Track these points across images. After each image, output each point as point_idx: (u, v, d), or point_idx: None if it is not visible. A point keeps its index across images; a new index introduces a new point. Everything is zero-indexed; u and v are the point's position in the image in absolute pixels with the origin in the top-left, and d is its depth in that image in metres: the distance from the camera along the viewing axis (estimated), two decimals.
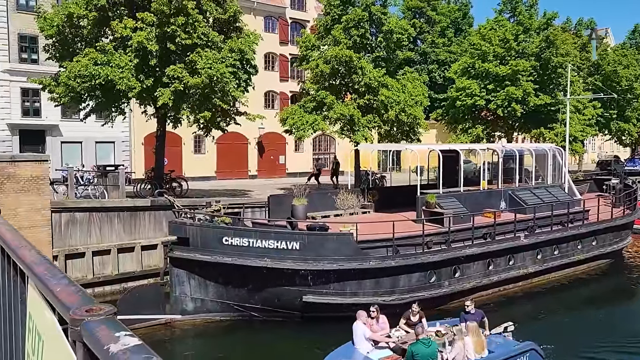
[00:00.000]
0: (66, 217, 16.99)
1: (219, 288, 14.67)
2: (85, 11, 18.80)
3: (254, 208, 20.35)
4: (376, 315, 11.40)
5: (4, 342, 2.36)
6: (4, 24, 29.06)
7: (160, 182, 20.89)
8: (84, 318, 1.27)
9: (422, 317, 11.54)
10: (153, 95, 18.98)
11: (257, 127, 33.08)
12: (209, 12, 20.30)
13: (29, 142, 29.74)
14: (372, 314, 11.35)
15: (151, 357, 1.08)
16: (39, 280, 1.65)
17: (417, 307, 11.57)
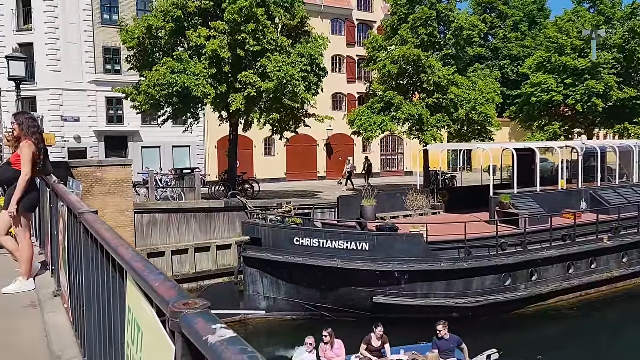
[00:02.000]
0: (147, 218, 17.96)
1: (290, 287, 14.94)
2: (163, 22, 19.81)
3: (324, 209, 20.57)
4: (330, 340, 10.34)
5: (105, 333, 2.58)
6: (90, 38, 31.16)
7: (233, 184, 21.60)
8: (183, 311, 1.38)
9: (386, 342, 10.44)
10: (227, 100, 19.66)
11: (325, 129, 33.41)
12: (278, 18, 20.78)
13: (113, 148, 31.72)
14: (324, 339, 10.25)
15: (246, 348, 1.16)
16: (139, 276, 1.80)
17: (380, 330, 10.42)
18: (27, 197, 5.24)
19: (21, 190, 5.09)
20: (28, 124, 5.27)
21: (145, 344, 1.77)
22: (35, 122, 5.43)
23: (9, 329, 4.18)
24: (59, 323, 4.04)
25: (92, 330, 2.93)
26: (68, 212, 3.71)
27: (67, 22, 30.41)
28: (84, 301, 3.18)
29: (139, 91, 20.45)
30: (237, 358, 1.13)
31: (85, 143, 31.05)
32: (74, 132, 30.66)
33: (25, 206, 5.26)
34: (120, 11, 31.31)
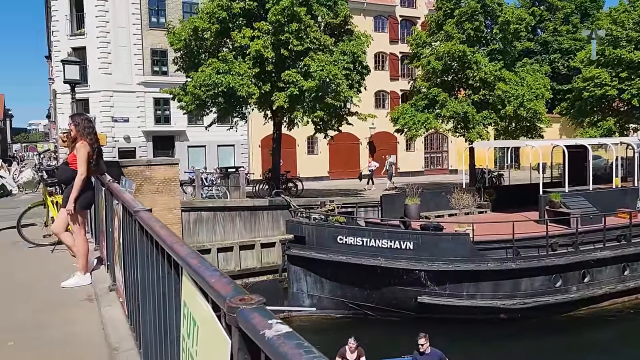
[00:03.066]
0: (194, 215, 18.39)
1: (334, 286, 14.99)
2: (209, 24, 20.20)
3: (367, 207, 20.50)
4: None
5: (160, 326, 2.67)
6: (138, 41, 32.15)
7: (277, 182, 21.82)
8: (239, 306, 1.42)
9: (362, 355, 9.98)
10: (270, 99, 19.88)
11: (368, 127, 33.25)
12: (321, 16, 20.84)
13: (160, 147, 32.65)
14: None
15: (302, 342, 1.19)
16: (195, 272, 1.85)
17: (354, 342, 9.97)
18: (83, 196, 5.46)
19: (77, 189, 5.31)
20: (84, 125, 5.49)
21: (200, 337, 1.83)
22: (90, 122, 5.65)
23: (68, 320, 4.39)
24: (114, 316, 4.21)
25: (147, 324, 3.03)
26: (123, 210, 3.85)
27: (117, 26, 31.49)
28: (139, 295, 3.29)
29: (185, 92, 20.92)
30: (294, 352, 1.15)
31: (134, 143, 32.08)
32: (123, 132, 31.74)
33: (81, 204, 5.49)
34: (167, 14, 32.17)
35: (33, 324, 4.34)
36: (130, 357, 3.38)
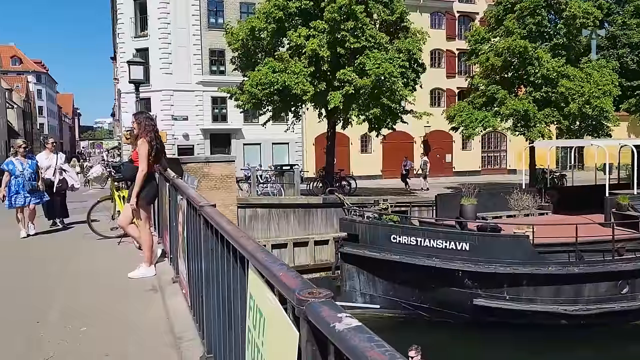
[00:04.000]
0: (250, 212, 18.77)
1: (387, 285, 14.89)
2: (265, 24, 20.54)
3: (421, 207, 20.25)
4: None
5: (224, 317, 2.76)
6: (197, 41, 33.12)
7: (330, 180, 21.92)
8: (308, 299, 1.45)
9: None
10: (325, 98, 19.98)
11: (423, 126, 32.79)
12: (377, 14, 20.74)
13: (217, 145, 33.51)
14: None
15: (372, 336, 1.20)
16: (263, 265, 1.91)
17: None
18: (146, 191, 5.70)
19: (139, 184, 5.54)
20: (145, 123, 5.73)
21: (267, 329, 1.88)
22: (152, 121, 5.86)
23: (135, 309, 4.61)
24: (177, 307, 4.38)
25: (211, 315, 3.14)
26: (187, 205, 3.99)
27: (177, 27, 32.57)
28: (202, 287, 3.41)
29: (242, 90, 21.37)
30: (365, 345, 1.17)
31: (192, 140, 33.09)
32: (182, 130, 32.80)
33: (144, 199, 5.73)
34: (225, 14, 32.94)
35: (103, 311, 4.59)
36: (194, 346, 3.51)
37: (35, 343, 3.80)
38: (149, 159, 5.59)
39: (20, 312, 4.62)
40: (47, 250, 7.49)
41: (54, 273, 6.13)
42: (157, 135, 5.81)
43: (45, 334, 4.02)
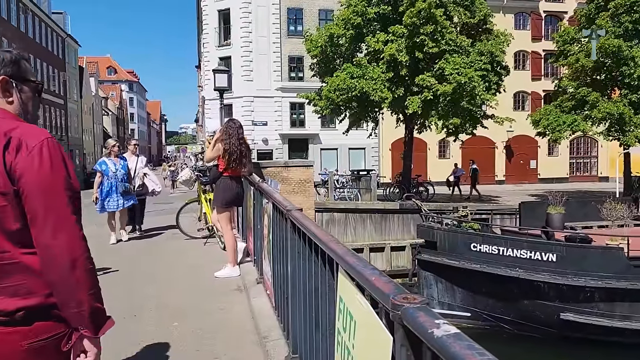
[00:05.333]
0: (327, 216, 18.96)
1: (466, 294, 14.47)
2: (344, 30, 20.73)
3: (503, 215, 19.50)
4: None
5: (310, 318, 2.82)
6: (277, 49, 34.02)
7: (408, 186, 21.66)
8: (404, 304, 1.47)
9: None
10: (403, 104, 19.80)
11: (505, 130, 31.62)
12: (457, 17, 20.29)
13: (295, 149, 34.18)
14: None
15: (473, 344, 1.19)
16: (353, 269, 1.94)
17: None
18: (227, 194, 5.94)
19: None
20: (223, 129, 5.98)
21: (358, 332, 1.91)
22: (231, 128, 6.02)
23: (222, 308, 4.81)
24: (262, 307, 4.52)
25: (296, 316, 3.22)
26: (273, 209, 4.12)
27: (258, 36, 33.63)
28: (287, 289, 3.50)
29: (320, 96, 21.67)
30: (466, 353, 1.16)
31: (271, 145, 33.98)
32: (262, 135, 33.77)
33: (225, 202, 5.97)
34: (305, 22, 33.59)
35: (191, 308, 4.83)
36: (279, 345, 3.61)
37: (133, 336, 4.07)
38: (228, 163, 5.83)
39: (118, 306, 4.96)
40: (138, 250, 7.97)
41: (146, 271, 6.53)
42: (240, 142, 5.98)
43: (140, 328, 4.30)
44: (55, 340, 1.62)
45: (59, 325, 1.63)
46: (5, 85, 1.74)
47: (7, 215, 1.57)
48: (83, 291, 1.60)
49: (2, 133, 1.59)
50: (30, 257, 1.59)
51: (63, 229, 1.58)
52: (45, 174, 1.58)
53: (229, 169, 5.88)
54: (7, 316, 1.55)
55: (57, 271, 1.57)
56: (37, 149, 1.59)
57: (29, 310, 1.57)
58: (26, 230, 1.58)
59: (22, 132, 1.61)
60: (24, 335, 1.57)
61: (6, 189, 1.56)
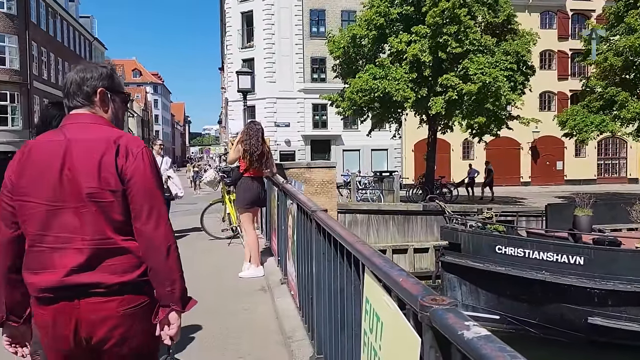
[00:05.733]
0: (349, 217, 18.93)
1: (491, 297, 14.29)
2: (366, 31, 20.68)
3: (529, 217, 19.18)
4: None
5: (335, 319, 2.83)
6: (300, 50, 34.13)
7: (431, 187, 21.49)
8: (432, 306, 1.46)
9: None
10: (426, 104, 19.66)
11: (530, 131, 31.14)
12: (481, 16, 20.07)
13: (317, 151, 34.23)
14: None
15: (504, 346, 1.18)
16: (381, 270, 1.94)
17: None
18: (248, 195, 5.98)
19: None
20: (244, 131, 6.04)
21: (385, 333, 1.91)
22: (251, 130, 6.06)
23: (247, 308, 4.85)
24: (286, 307, 4.54)
25: (321, 317, 3.23)
26: (298, 210, 4.14)
27: (281, 37, 33.79)
28: (312, 290, 3.51)
29: (343, 97, 21.66)
30: (497, 355, 1.15)
31: (294, 146, 34.09)
32: (284, 136, 33.90)
33: (245, 202, 6.01)
34: (327, 23, 33.62)
35: (217, 308, 4.87)
36: (303, 346, 3.62)
37: None
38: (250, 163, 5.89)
39: None
40: None
41: None
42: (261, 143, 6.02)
43: None
44: (141, 308, 1.95)
45: (143, 297, 1.96)
46: (103, 96, 2.04)
47: (113, 210, 1.89)
48: (175, 273, 1.96)
49: (111, 141, 1.90)
50: (127, 243, 1.92)
51: (162, 223, 1.93)
52: (149, 176, 1.93)
53: (250, 169, 5.94)
54: (107, 288, 1.88)
55: (158, 257, 1.92)
56: (140, 155, 1.92)
57: (122, 285, 1.90)
58: (126, 222, 1.91)
59: (127, 141, 1.93)
60: (119, 303, 1.90)
61: (117, 187, 1.88)
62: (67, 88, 2.04)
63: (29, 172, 1.90)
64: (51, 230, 1.88)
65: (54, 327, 1.89)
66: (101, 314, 1.88)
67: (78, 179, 1.87)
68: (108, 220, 1.89)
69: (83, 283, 1.86)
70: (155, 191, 1.94)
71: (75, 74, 2.04)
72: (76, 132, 1.94)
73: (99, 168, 1.87)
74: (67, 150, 1.89)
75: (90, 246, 1.87)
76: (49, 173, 1.88)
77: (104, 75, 2.06)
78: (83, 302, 1.87)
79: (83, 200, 1.87)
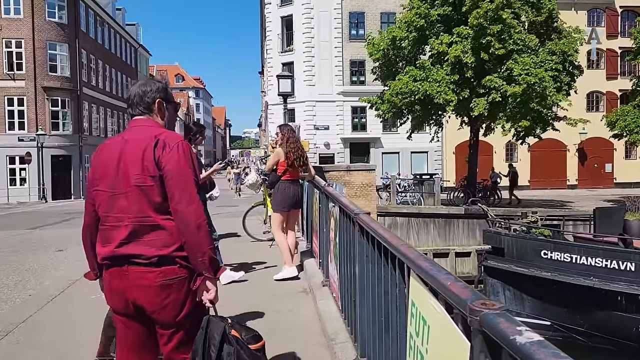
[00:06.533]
0: (389, 220, 18.81)
1: (536, 303, 13.92)
2: (407, 33, 20.52)
3: (576, 221, 18.58)
4: None
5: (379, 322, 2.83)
6: (339, 53, 34.18)
7: (473, 190, 21.11)
8: (482, 310, 1.45)
9: None
10: (469, 106, 19.34)
11: (577, 133, 30.15)
12: (524, 15, 19.60)
13: (356, 153, 34.18)
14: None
15: (558, 352, 1.16)
16: (427, 274, 1.93)
17: None
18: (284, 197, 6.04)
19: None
20: (282, 134, 6.10)
21: (432, 337, 1.90)
22: (290, 132, 6.14)
23: (289, 309, 4.90)
24: (328, 309, 4.56)
25: (364, 319, 3.23)
26: (340, 212, 4.16)
27: (320, 41, 33.94)
28: (355, 292, 3.52)
29: (382, 100, 21.55)
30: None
31: (333, 149, 34.14)
32: (324, 139, 34.01)
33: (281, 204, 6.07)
34: (366, 26, 33.56)
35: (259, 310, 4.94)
36: (346, 348, 3.63)
37: None
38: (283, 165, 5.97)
39: None
40: None
41: None
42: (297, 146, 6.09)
43: None
44: (178, 281, 2.29)
45: (181, 271, 2.29)
46: (160, 105, 2.50)
47: (153, 192, 2.27)
48: (205, 245, 2.26)
49: (153, 136, 2.31)
50: (165, 222, 2.27)
51: (193, 202, 2.25)
52: (182, 164, 2.28)
53: (287, 172, 6.02)
54: (147, 260, 2.25)
55: (190, 231, 2.23)
56: (175, 147, 2.29)
57: (161, 257, 2.25)
58: (164, 204, 2.27)
59: (166, 136, 2.33)
60: (157, 274, 2.26)
61: (155, 173, 2.26)
62: (131, 99, 2.48)
63: (99, 168, 2.39)
64: (112, 212, 2.32)
65: (110, 288, 2.36)
66: (143, 282, 2.25)
67: (128, 170, 2.28)
68: (148, 202, 2.26)
69: (128, 254, 2.26)
70: (186, 176, 2.27)
71: (137, 87, 2.49)
72: (133, 134, 2.39)
73: (142, 158, 2.27)
74: (122, 148, 2.33)
75: (134, 223, 2.27)
76: (110, 167, 2.33)
77: (160, 88, 2.51)
78: (130, 269, 2.27)
79: (131, 186, 2.27)
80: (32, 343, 4.40)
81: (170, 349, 2.36)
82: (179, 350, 2.36)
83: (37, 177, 30.95)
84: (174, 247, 2.26)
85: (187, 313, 2.33)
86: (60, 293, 6.08)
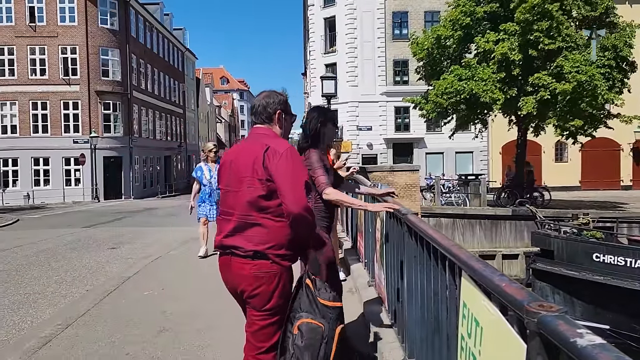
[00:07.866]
0: (433, 221, 18.57)
1: (587, 308, 13.43)
2: (451, 31, 20.20)
3: (631, 223, 17.80)
4: None
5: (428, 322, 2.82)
6: (382, 53, 34.00)
7: (521, 191, 20.57)
8: (540, 312, 1.43)
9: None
10: (516, 105, 18.86)
11: (632, 131, 28.90)
12: (575, 10, 18.94)
13: (399, 154, 33.89)
14: None
15: (622, 356, 1.14)
16: (480, 274, 1.91)
17: None
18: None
19: None
20: None
21: (485, 338, 1.88)
22: None
23: None
24: (374, 310, 4.56)
25: (412, 320, 3.22)
26: (386, 213, 4.15)
27: (363, 41, 33.85)
28: (403, 292, 3.52)
29: (426, 100, 21.28)
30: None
31: (376, 149, 33.98)
32: (367, 139, 33.90)
33: None
34: (410, 25, 33.23)
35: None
36: (393, 348, 3.63)
37: None
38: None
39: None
40: None
41: None
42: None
43: None
44: (269, 275, 2.56)
45: (273, 266, 2.56)
46: (279, 116, 2.77)
47: (258, 193, 2.53)
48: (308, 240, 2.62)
49: (264, 144, 2.58)
50: (265, 220, 2.55)
51: (301, 202, 2.48)
52: (289, 169, 2.52)
53: None
54: (245, 252, 2.56)
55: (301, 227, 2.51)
56: (284, 154, 2.54)
57: (256, 252, 2.54)
58: (266, 204, 2.54)
59: (276, 144, 2.59)
60: (252, 266, 2.55)
61: (263, 177, 2.52)
62: (255, 109, 2.79)
63: (222, 168, 2.81)
64: (225, 206, 2.70)
65: (222, 272, 2.71)
66: (241, 272, 2.58)
67: (240, 171, 2.61)
68: (253, 201, 2.55)
69: (231, 245, 2.61)
70: (295, 180, 2.51)
71: (262, 99, 2.78)
72: (250, 140, 2.73)
73: (253, 163, 2.56)
74: (239, 152, 2.71)
75: (239, 218, 2.59)
76: (228, 167, 2.72)
77: (282, 101, 2.80)
78: (233, 259, 2.61)
79: (240, 186, 2.60)
80: (89, 336, 4.61)
81: (251, 332, 2.65)
82: (258, 336, 2.62)
83: (90, 177, 32.29)
84: (269, 245, 2.54)
85: (273, 305, 2.59)
86: (115, 289, 6.34)
